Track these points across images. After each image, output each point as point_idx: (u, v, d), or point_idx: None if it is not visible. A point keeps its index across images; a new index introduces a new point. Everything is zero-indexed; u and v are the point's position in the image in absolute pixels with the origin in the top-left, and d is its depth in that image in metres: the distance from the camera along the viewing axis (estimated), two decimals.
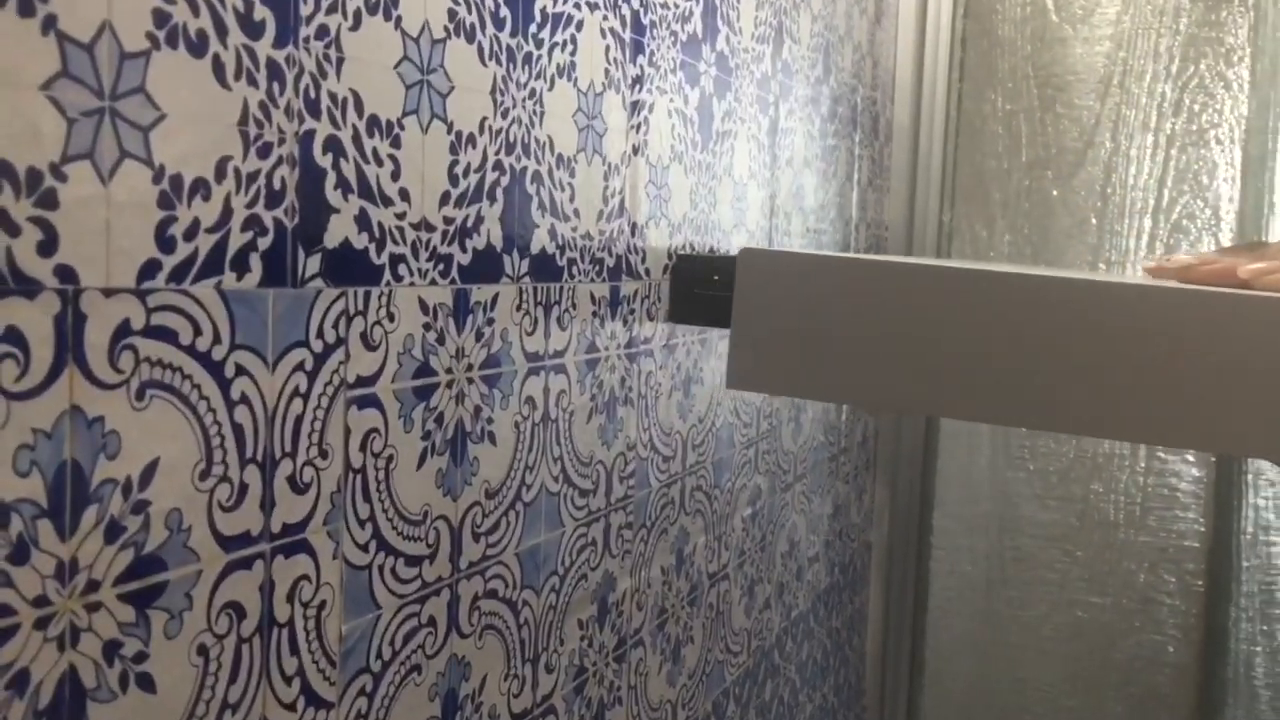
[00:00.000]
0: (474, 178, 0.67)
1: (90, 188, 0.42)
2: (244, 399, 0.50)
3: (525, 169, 0.73)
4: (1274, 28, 1.73)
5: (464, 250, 0.67)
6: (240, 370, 0.50)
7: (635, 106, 0.89)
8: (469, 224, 0.67)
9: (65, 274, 0.41)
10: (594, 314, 0.84)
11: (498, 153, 0.70)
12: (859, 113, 1.67)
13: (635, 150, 0.90)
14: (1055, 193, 1.86)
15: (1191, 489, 1.82)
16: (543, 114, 0.75)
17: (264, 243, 0.51)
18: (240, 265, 0.50)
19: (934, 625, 1.98)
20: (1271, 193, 1.74)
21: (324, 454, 0.56)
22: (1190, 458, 1.81)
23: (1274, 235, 1.74)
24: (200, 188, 0.47)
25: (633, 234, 0.91)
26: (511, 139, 0.71)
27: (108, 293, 0.43)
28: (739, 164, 1.14)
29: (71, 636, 0.42)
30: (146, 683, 0.46)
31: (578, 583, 0.85)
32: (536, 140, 0.74)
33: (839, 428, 1.66)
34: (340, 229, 0.56)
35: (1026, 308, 0.46)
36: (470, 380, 0.68)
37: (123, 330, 0.44)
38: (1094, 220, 1.84)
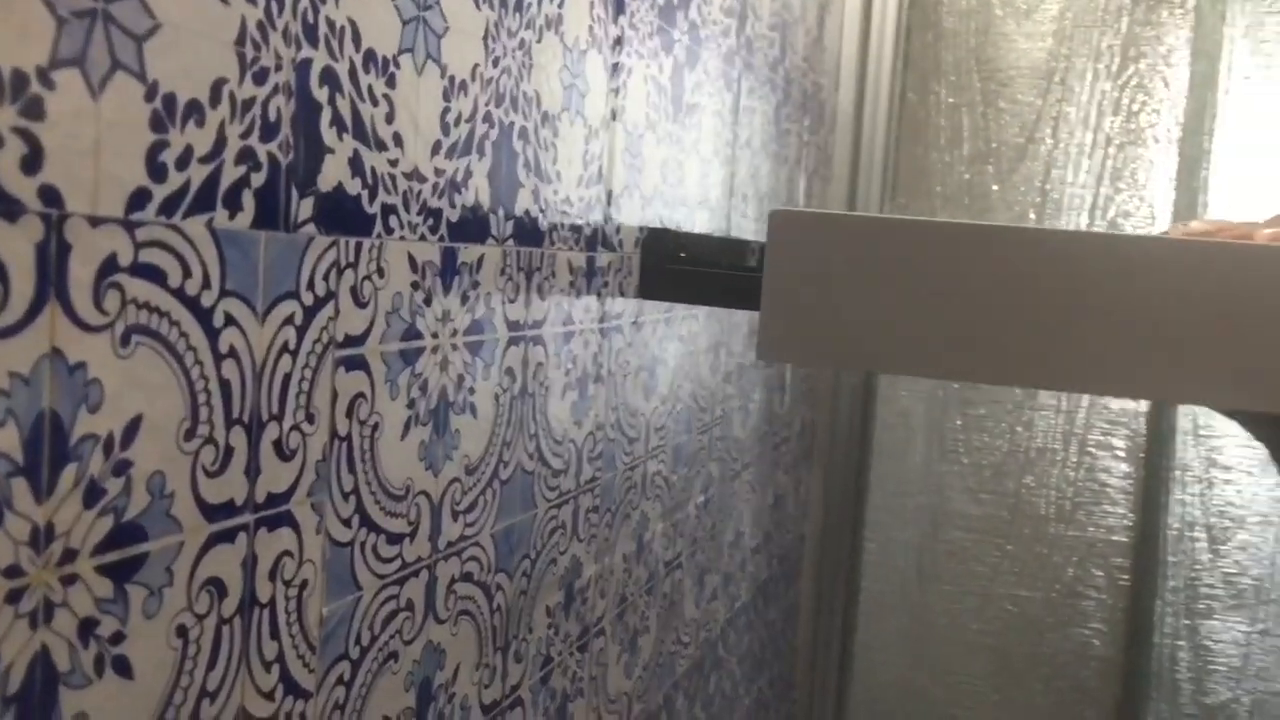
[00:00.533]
0: (465, 128, 0.62)
1: (80, 100, 0.37)
2: (232, 352, 0.45)
3: (513, 124, 0.68)
4: (1212, 30, 1.75)
5: (453, 206, 0.62)
6: (229, 320, 0.45)
7: (615, 69, 0.85)
8: (458, 178, 0.62)
9: (50, 196, 0.36)
10: (571, 284, 0.79)
11: (488, 103, 0.65)
12: (809, 98, 1.64)
13: (614, 115, 0.86)
14: (995, 187, 1.86)
15: (1120, 484, 1.84)
16: (531, 67, 0.70)
17: (258, 179, 0.46)
18: (233, 202, 0.44)
19: (865, 618, 1.97)
20: (1206, 193, 1.77)
21: (310, 418, 0.51)
22: (1120, 453, 1.83)
23: None
24: (194, 111, 0.42)
25: (608, 203, 0.86)
26: (501, 90, 0.66)
27: (94, 221, 0.38)
28: (705, 139, 1.10)
29: (45, 612, 0.37)
30: (123, 667, 0.40)
31: (548, 567, 0.80)
32: (524, 94, 0.70)
33: (781, 417, 1.64)
34: (334, 172, 0.51)
35: (1086, 266, 0.43)
36: (455, 346, 0.63)
37: (109, 266, 0.38)
38: (1033, 216, 1.84)
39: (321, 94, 0.49)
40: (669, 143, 0.99)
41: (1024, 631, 1.90)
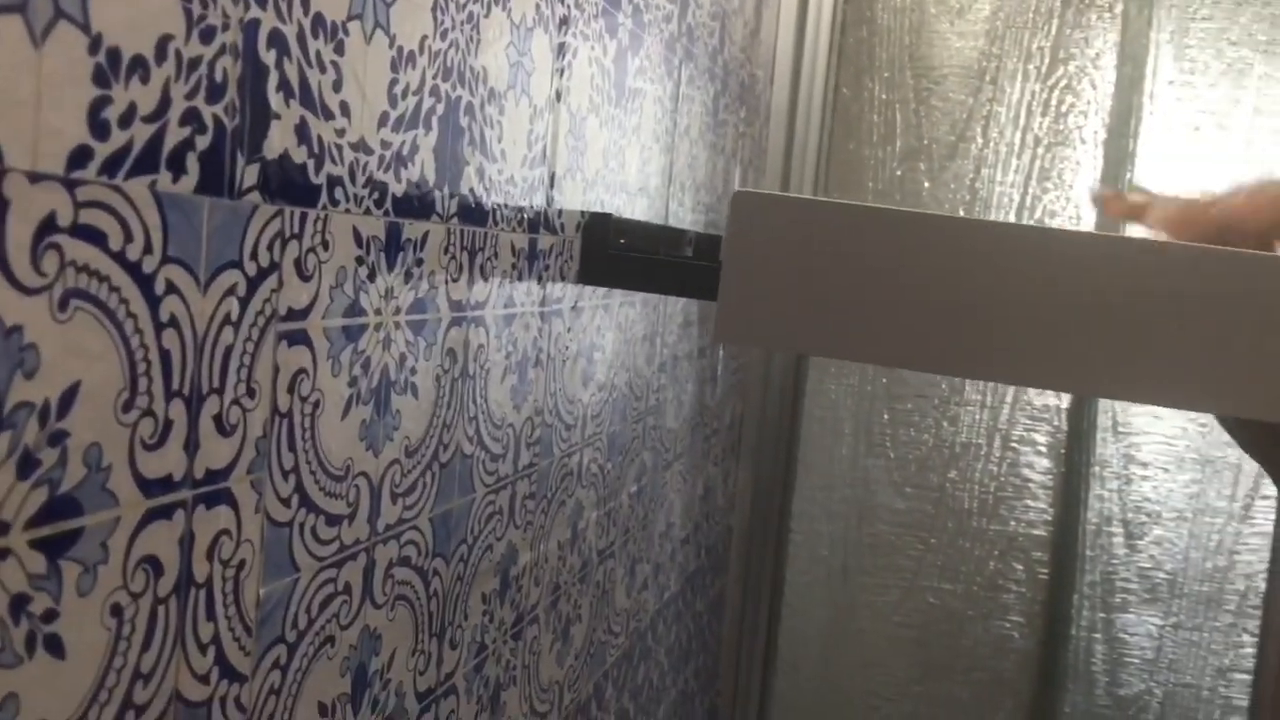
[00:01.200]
0: (412, 100, 0.61)
1: (22, 51, 0.35)
2: (173, 321, 0.43)
3: (460, 99, 0.67)
4: (1139, 34, 1.79)
5: (399, 180, 0.60)
6: (170, 288, 0.43)
7: (561, 49, 0.84)
8: (405, 152, 0.61)
9: None
10: (513, 266, 0.78)
11: (435, 77, 0.63)
12: (746, 90, 1.65)
13: (559, 96, 0.84)
14: (927, 184, 1.88)
15: (1041, 479, 1.88)
16: (479, 42, 0.69)
17: (202, 142, 0.44)
18: (176, 165, 0.43)
19: (790, 611, 1.98)
20: None
21: (251, 393, 0.49)
22: (1042, 449, 1.86)
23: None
24: (138, 67, 0.40)
25: (550, 185, 0.85)
26: (449, 64, 0.65)
27: (33, 178, 0.36)
28: (646, 125, 1.10)
29: None
30: (55, 646, 0.39)
31: (484, 554, 0.79)
32: (472, 69, 0.68)
33: (712, 409, 1.64)
34: (280, 139, 0.49)
35: (1047, 264, 0.43)
36: (398, 325, 0.62)
37: (48, 225, 0.36)
38: (962, 214, 1.87)
39: (269, 57, 0.48)
40: (611, 127, 0.98)
41: (945, 624, 1.92)
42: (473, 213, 0.71)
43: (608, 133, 0.97)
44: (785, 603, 1.98)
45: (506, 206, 0.76)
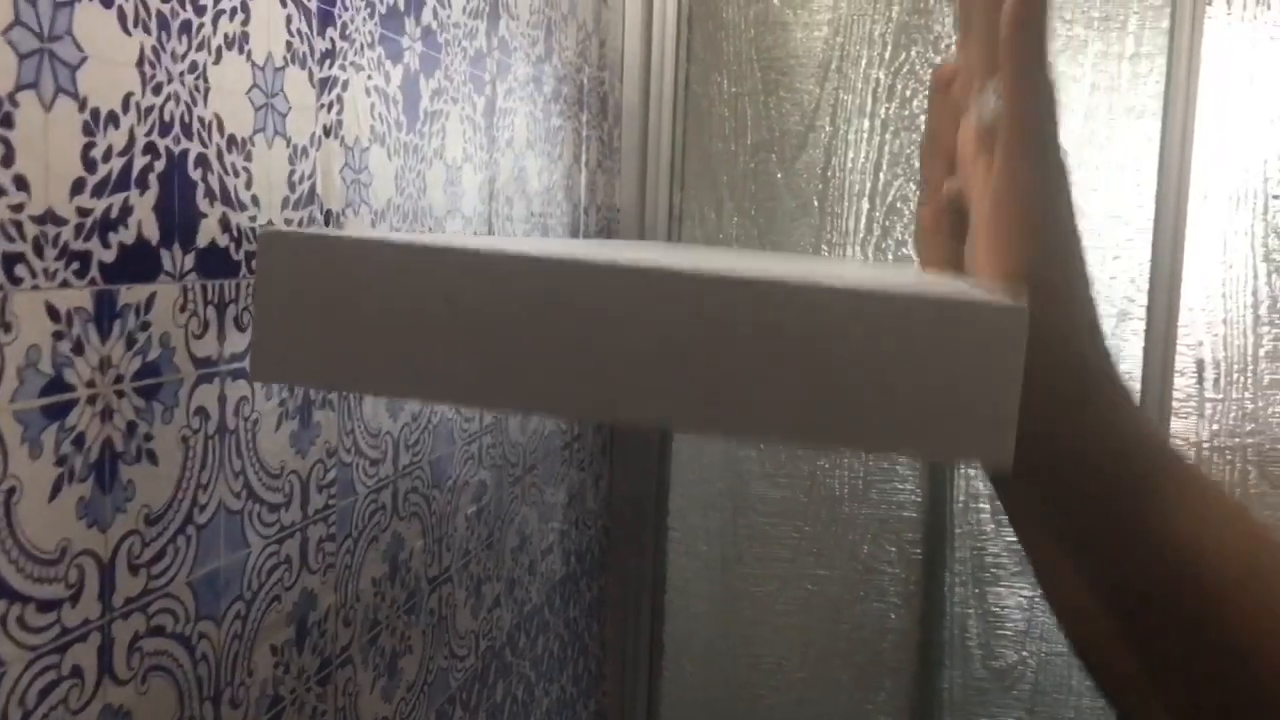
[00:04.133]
0: (118, 162, 0.59)
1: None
2: None
3: (187, 152, 0.65)
4: None
5: (106, 246, 0.58)
6: None
7: (326, 84, 0.82)
8: (113, 215, 0.59)
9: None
10: None
11: (149, 134, 0.61)
12: (585, 93, 1.63)
13: (327, 131, 0.82)
14: (779, 175, 1.89)
15: (909, 461, 1.90)
16: (208, 90, 0.67)
17: None
18: None
19: (672, 607, 1.99)
20: None
21: None
22: None
23: None
24: None
25: (327, 222, 0.83)
26: (168, 118, 0.63)
27: None
28: (451, 146, 1.08)
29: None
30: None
31: (269, 606, 0.77)
32: (200, 120, 0.66)
33: None
34: None
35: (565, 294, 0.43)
36: (121, 394, 0.60)
37: None
38: (816, 203, 1.88)
39: None
40: (405, 153, 0.97)
41: (824, 609, 1.94)
42: (218, 265, 0.69)
43: (400, 160, 0.96)
44: (668, 599, 1.99)
45: None
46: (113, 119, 0.58)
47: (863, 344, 0.41)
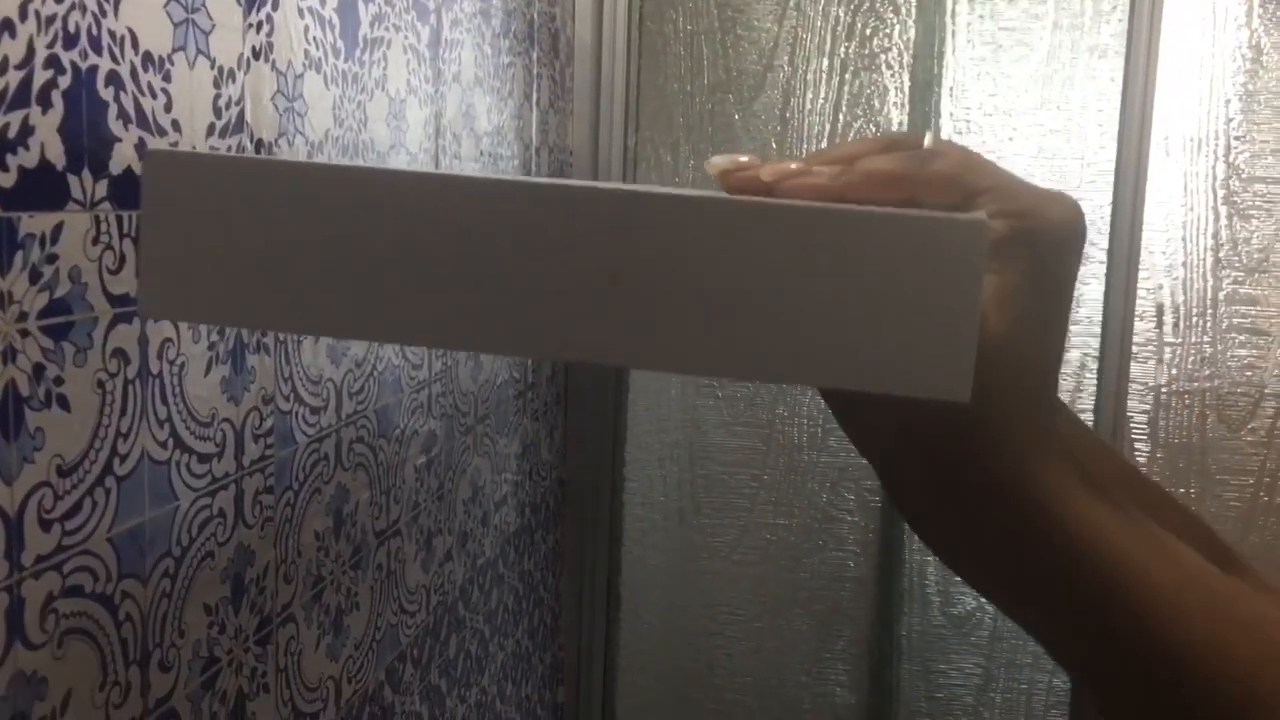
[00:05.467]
0: (15, 75, 0.53)
1: None
2: None
3: (96, 68, 0.59)
4: None
5: (4, 169, 0.53)
6: None
7: (254, 2, 0.76)
8: (10, 135, 0.53)
9: None
10: None
11: (51, 45, 0.55)
12: (536, 29, 1.57)
13: (256, 53, 0.76)
14: (737, 116, 1.84)
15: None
16: (118, 1, 0.61)
17: None
18: None
19: (629, 558, 1.96)
20: (938, 117, 1.79)
21: None
22: None
23: None
24: None
25: (258, 151, 0.78)
26: (72, 29, 0.57)
27: None
28: (394, 77, 1.02)
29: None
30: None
31: (201, 562, 0.72)
32: (111, 33, 0.60)
33: (525, 364, 1.59)
34: None
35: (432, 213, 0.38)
36: (25, 333, 0.54)
37: None
38: (774, 144, 1.83)
39: None
40: (344, 82, 0.91)
41: (783, 558, 1.92)
42: (136, 194, 0.63)
43: (338, 89, 0.90)
44: (624, 550, 1.96)
45: None
46: (8, 27, 0.52)
47: (811, 265, 0.37)
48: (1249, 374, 1.77)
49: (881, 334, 0.37)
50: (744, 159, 0.46)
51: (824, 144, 1.82)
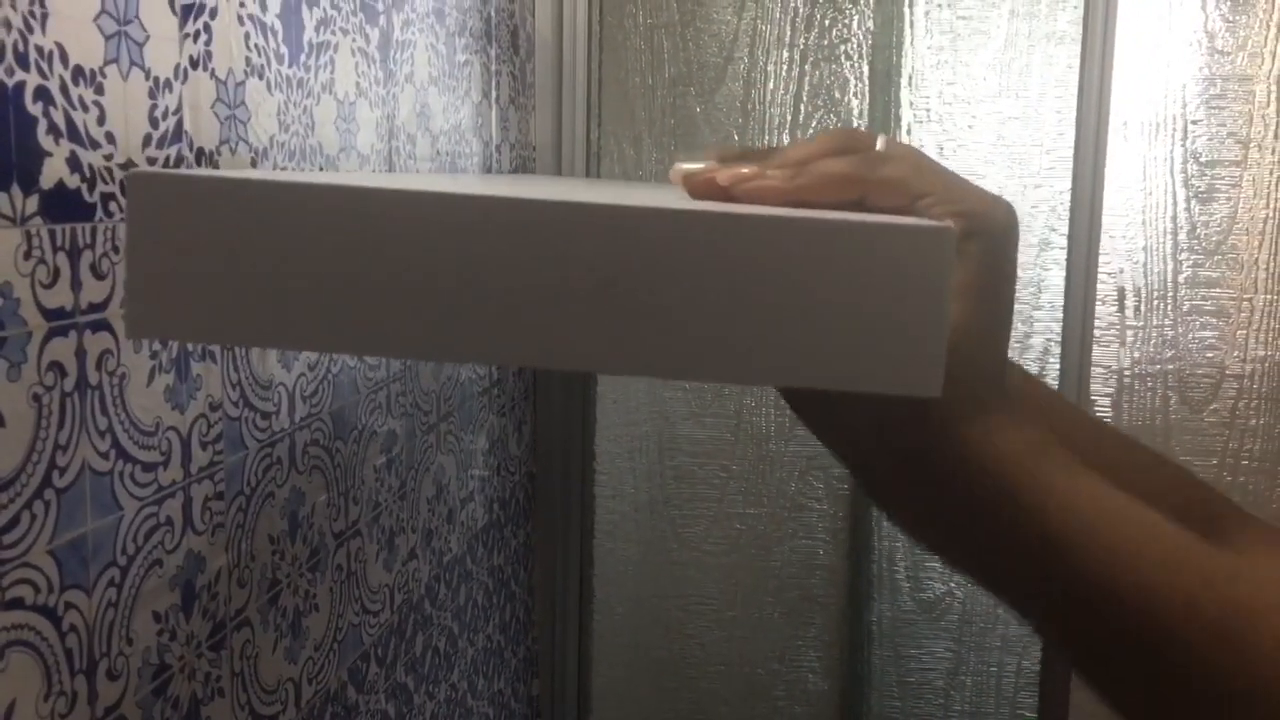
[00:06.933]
0: None
1: None
2: None
3: (23, 84, 0.59)
4: None
5: None
6: None
7: (189, 11, 0.76)
8: None
9: None
10: None
11: None
12: (494, 26, 1.57)
13: (194, 63, 0.77)
14: (699, 109, 1.85)
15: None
16: (45, 16, 0.61)
17: None
18: None
19: (601, 550, 1.97)
20: (898, 107, 1.80)
21: None
22: None
23: None
24: None
25: (199, 160, 0.78)
26: None
27: None
28: (342, 80, 1.02)
29: None
30: None
31: (149, 570, 0.73)
32: (38, 49, 0.61)
33: None
34: None
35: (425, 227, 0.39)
36: None
37: None
38: (736, 137, 1.84)
39: None
40: (288, 87, 0.91)
41: (753, 548, 1.93)
42: (68, 209, 0.63)
43: (282, 94, 0.90)
44: (596, 542, 1.97)
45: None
46: None
47: (784, 272, 0.39)
48: (1210, 355, 1.79)
49: (858, 336, 0.39)
50: (702, 165, 0.49)
51: (785, 135, 1.83)
